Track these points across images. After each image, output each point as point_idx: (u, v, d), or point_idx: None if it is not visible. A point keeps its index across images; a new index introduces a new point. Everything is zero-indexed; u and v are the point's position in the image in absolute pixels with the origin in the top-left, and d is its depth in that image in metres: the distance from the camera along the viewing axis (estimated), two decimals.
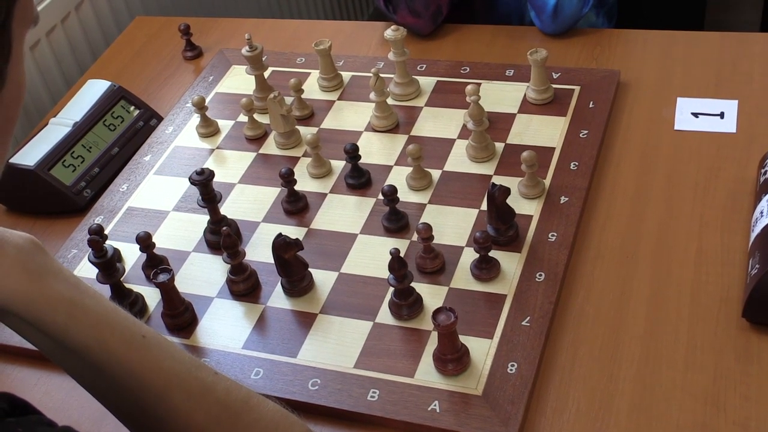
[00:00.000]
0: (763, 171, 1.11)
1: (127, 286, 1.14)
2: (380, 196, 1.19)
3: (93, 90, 1.42)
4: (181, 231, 1.24)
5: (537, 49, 1.28)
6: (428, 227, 1.07)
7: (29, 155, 1.33)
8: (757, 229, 1.04)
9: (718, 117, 1.27)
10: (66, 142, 1.35)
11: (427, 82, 1.41)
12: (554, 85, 1.34)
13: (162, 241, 1.21)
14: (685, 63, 1.37)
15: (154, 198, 1.30)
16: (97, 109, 1.40)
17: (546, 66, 1.33)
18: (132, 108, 1.43)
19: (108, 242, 1.17)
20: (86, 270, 1.17)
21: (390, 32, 1.34)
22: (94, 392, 0.78)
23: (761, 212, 1.05)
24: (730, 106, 1.28)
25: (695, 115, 1.28)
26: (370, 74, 1.31)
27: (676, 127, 1.27)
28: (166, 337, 0.90)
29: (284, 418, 0.81)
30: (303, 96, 1.39)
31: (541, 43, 1.45)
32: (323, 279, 1.13)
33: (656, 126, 1.28)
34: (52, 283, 0.72)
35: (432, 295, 1.08)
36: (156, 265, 1.14)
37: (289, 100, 1.35)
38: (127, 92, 1.44)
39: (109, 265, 1.11)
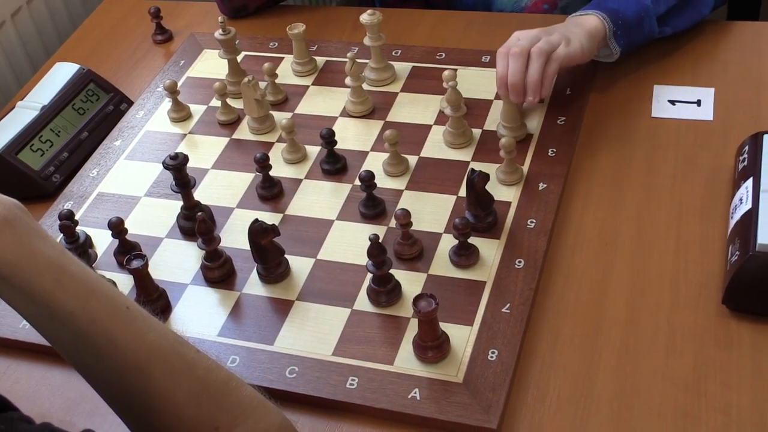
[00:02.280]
0: (741, 158, 1.11)
1: (99, 272, 1.12)
2: (357, 182, 1.18)
3: (61, 73, 1.39)
4: (153, 217, 1.22)
5: None
6: (406, 213, 1.06)
7: None
8: (737, 216, 1.04)
9: (695, 105, 1.27)
10: (34, 126, 1.31)
11: (402, 68, 1.39)
12: None
13: (134, 227, 1.18)
14: (662, 50, 1.37)
15: (125, 183, 1.28)
16: (66, 92, 1.36)
17: None
18: (101, 92, 1.40)
19: (78, 228, 1.15)
20: None
21: (366, 17, 1.32)
22: (75, 362, 0.77)
23: (740, 199, 1.05)
24: (707, 94, 1.28)
25: (672, 102, 1.28)
26: (345, 59, 1.30)
27: (653, 115, 1.26)
28: None
29: (262, 405, 0.80)
30: (277, 81, 1.37)
31: (518, 30, 1.44)
32: (300, 265, 1.11)
33: (633, 113, 1.27)
34: (40, 246, 0.71)
35: (410, 282, 1.07)
36: (128, 251, 1.11)
37: (262, 84, 1.33)
38: (96, 76, 1.41)
39: (80, 250, 1.09)
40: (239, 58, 1.41)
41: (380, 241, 1.02)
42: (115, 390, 0.77)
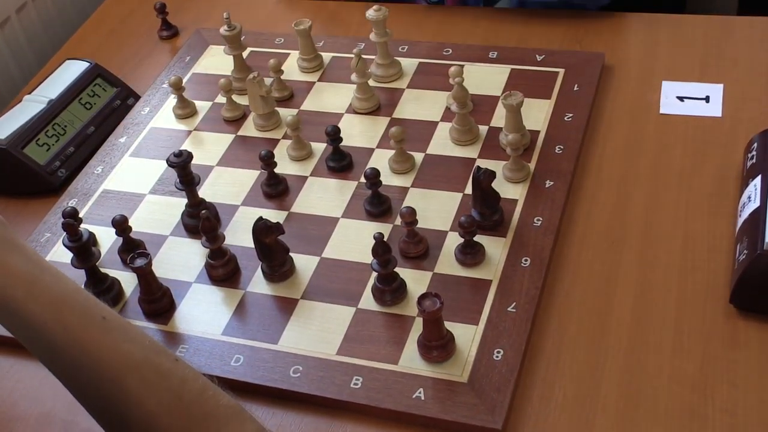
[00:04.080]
0: (749, 155, 1.10)
1: (103, 270, 1.11)
2: (362, 180, 1.17)
3: (70, 69, 1.39)
4: (157, 214, 1.21)
5: (511, 93, 1.17)
6: (412, 211, 1.05)
7: (0, 132, 1.29)
8: (745, 214, 1.03)
9: (704, 101, 1.26)
10: (40, 120, 1.31)
11: (408, 64, 1.38)
12: (538, 68, 1.32)
13: (138, 225, 1.18)
14: (670, 46, 1.36)
15: (129, 180, 1.27)
16: (73, 87, 1.36)
17: (530, 48, 1.32)
18: (109, 86, 1.40)
19: (83, 226, 1.14)
20: (61, 254, 1.14)
21: (372, 12, 1.31)
22: (53, 371, 0.78)
23: (749, 197, 1.04)
24: (716, 90, 1.27)
25: (680, 98, 1.27)
26: (351, 55, 1.29)
27: (661, 111, 1.25)
28: (132, 321, 0.88)
29: (236, 415, 0.79)
30: (282, 77, 1.36)
31: (524, 26, 1.44)
32: (304, 264, 1.11)
33: (641, 110, 1.26)
34: (12, 258, 0.72)
35: (416, 281, 1.06)
36: (132, 249, 1.11)
37: (268, 81, 1.33)
38: (103, 70, 1.41)
39: (84, 249, 1.08)
40: (245, 54, 1.40)
41: (385, 239, 1.01)
42: (91, 398, 0.77)
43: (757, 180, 1.04)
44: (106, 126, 1.37)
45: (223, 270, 1.10)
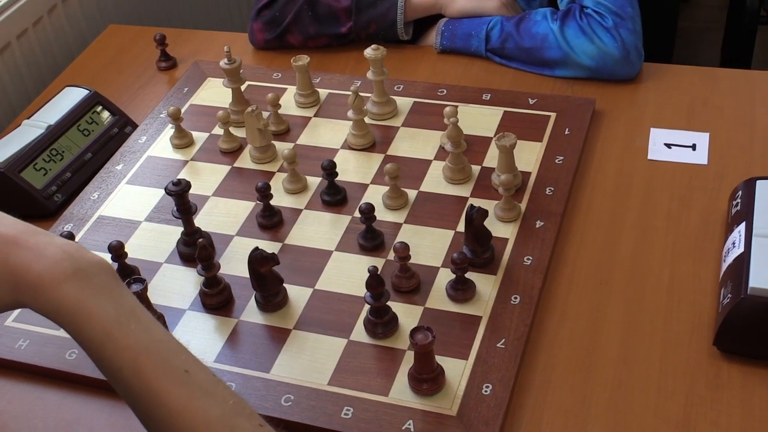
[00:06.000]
0: (734, 203, 1.13)
1: None
2: (356, 214, 1.19)
3: (70, 96, 1.41)
4: (153, 242, 1.23)
5: (505, 134, 1.20)
6: (405, 246, 1.07)
7: None
8: (729, 260, 1.05)
9: (690, 148, 1.29)
10: (38, 145, 1.33)
11: (404, 103, 1.41)
12: (531, 111, 1.35)
13: (133, 251, 1.19)
14: (658, 94, 1.40)
15: (125, 207, 1.29)
16: (72, 113, 1.38)
17: (523, 92, 1.34)
18: (107, 114, 1.42)
19: None
20: None
21: (370, 51, 1.34)
22: (134, 412, 0.75)
23: (733, 243, 1.06)
24: (702, 139, 1.30)
25: (668, 145, 1.30)
26: (348, 92, 1.31)
27: (649, 157, 1.29)
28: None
29: None
30: (279, 111, 1.38)
31: (517, 70, 1.46)
32: (298, 295, 1.12)
33: (630, 155, 1.29)
34: (99, 303, 0.72)
35: (407, 315, 1.08)
36: (127, 275, 1.12)
37: (265, 114, 1.35)
38: (102, 98, 1.43)
39: None
40: (243, 87, 1.43)
41: (379, 273, 1.03)
42: None
43: (742, 227, 1.07)
44: (103, 153, 1.39)
45: (217, 298, 1.11)
